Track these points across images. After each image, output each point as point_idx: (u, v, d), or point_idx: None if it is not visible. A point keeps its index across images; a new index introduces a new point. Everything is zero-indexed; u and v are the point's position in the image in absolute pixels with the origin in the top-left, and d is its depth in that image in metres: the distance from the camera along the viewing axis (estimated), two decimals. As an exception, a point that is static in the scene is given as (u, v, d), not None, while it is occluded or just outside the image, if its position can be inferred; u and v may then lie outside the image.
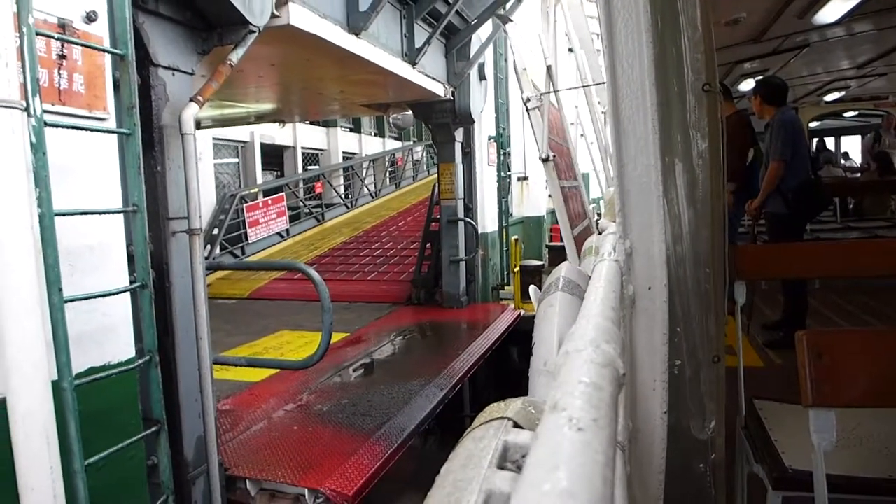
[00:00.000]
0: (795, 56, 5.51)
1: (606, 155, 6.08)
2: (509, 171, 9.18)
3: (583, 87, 5.49)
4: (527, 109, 3.68)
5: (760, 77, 5.36)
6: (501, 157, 7.50)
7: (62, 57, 1.80)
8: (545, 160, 3.52)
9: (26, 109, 1.55)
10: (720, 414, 1.20)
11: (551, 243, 13.59)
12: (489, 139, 6.75)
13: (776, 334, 4.65)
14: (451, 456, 0.62)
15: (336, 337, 4.87)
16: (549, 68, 3.62)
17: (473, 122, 6.12)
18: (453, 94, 5.82)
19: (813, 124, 8.86)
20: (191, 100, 2.42)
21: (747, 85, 6.19)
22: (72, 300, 1.66)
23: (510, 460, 0.60)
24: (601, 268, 1.03)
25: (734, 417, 2.19)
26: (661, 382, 1.02)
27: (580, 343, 0.63)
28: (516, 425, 0.66)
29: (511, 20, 4.28)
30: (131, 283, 2.00)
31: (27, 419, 1.50)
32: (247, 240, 9.80)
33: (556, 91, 4.60)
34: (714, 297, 1.20)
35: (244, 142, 13.07)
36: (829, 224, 6.99)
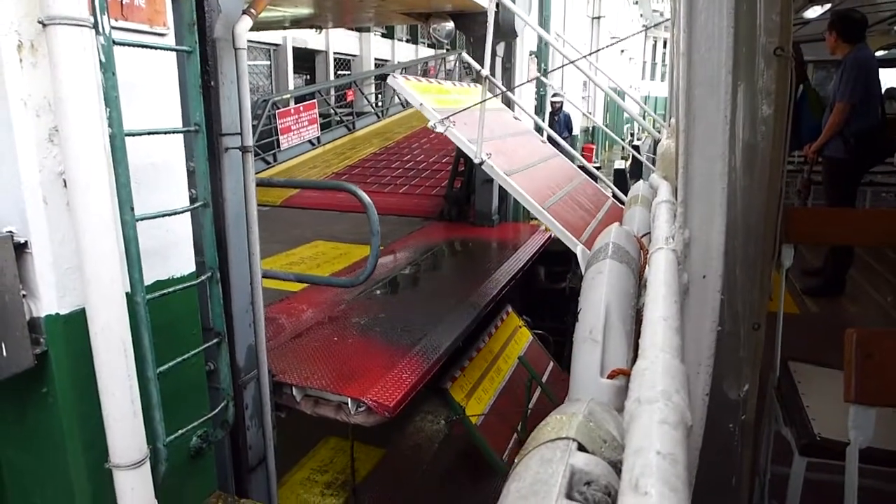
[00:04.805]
0: (870, -20, 5.13)
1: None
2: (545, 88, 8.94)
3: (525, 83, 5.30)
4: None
5: (838, 9, 4.99)
6: (540, 73, 7.29)
7: (123, -31, 1.77)
8: (479, 164, 3.60)
9: (95, 27, 1.55)
10: (755, 377, 1.23)
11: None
12: (530, 55, 6.54)
13: (816, 281, 4.57)
14: (517, 473, 0.67)
15: (371, 250, 4.97)
16: (486, 78, 3.65)
17: (516, 36, 5.92)
18: (497, 5, 5.59)
19: (878, 53, 8.26)
20: (244, 13, 2.37)
21: (814, 12, 5.79)
22: (143, 218, 1.72)
23: (577, 489, 0.64)
24: (658, 261, 1.03)
25: (767, 376, 2.20)
26: (706, 367, 1.05)
27: (651, 393, 0.65)
28: (580, 446, 0.70)
29: None
30: (191, 199, 2.06)
31: (106, 330, 1.59)
32: (279, 147, 9.80)
33: (502, 92, 4.86)
34: (761, 265, 1.20)
35: (276, 45, 12.82)
36: (886, 167, 6.70)
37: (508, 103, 5.94)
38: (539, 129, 5.81)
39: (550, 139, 5.77)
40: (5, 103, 1.51)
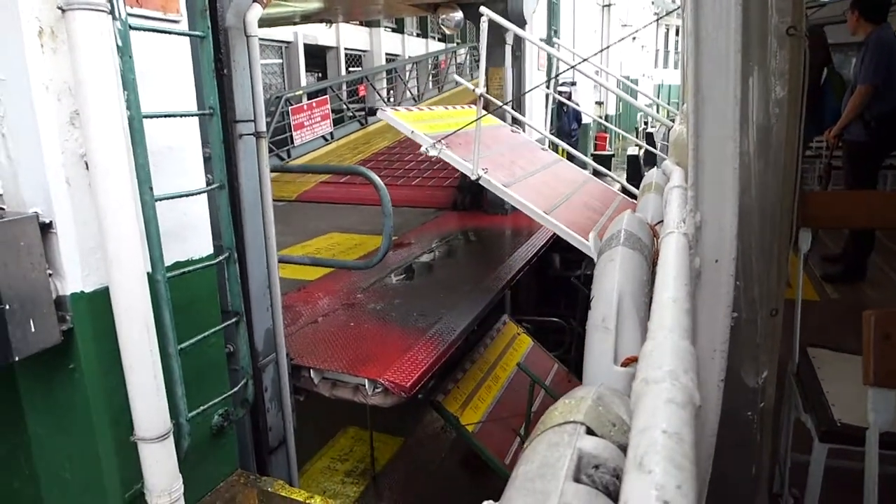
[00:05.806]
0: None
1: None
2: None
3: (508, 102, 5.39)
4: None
5: None
6: (551, 62, 7.28)
7: (137, -43, 1.81)
8: (476, 180, 3.68)
9: (111, 12, 1.60)
10: (773, 364, 1.22)
11: (595, 152, 13.38)
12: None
13: (836, 268, 4.52)
14: (525, 456, 0.68)
15: (386, 240, 5.00)
16: (480, 97, 3.70)
17: (525, 23, 5.93)
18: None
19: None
20: (254, 1, 2.42)
21: (830, -8, 5.69)
22: (161, 199, 1.77)
23: (584, 472, 0.65)
24: (669, 245, 1.02)
25: (786, 362, 2.16)
26: (720, 353, 1.04)
27: (658, 373, 0.64)
28: (589, 430, 0.71)
29: None
30: (208, 183, 2.11)
31: (129, 308, 1.65)
32: (292, 143, 9.86)
33: (497, 108, 5.04)
34: (778, 250, 1.19)
35: (288, 42, 12.89)
36: None
37: (518, 105, 5.96)
38: (545, 142, 5.80)
39: (555, 146, 5.78)
40: (28, 88, 1.56)
